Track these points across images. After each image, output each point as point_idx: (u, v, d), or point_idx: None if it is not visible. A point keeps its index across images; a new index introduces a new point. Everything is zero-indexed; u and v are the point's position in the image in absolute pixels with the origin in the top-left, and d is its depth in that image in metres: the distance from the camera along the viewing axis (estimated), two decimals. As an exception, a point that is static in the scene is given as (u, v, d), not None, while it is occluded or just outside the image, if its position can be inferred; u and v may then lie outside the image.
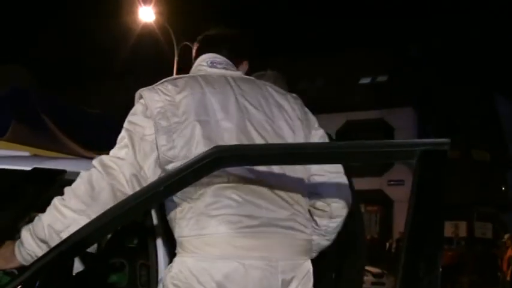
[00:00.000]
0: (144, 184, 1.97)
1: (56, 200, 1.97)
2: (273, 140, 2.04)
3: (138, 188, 1.96)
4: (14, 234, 2.11)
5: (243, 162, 1.79)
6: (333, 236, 2.24)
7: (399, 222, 27.91)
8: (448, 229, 24.10)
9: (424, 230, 1.42)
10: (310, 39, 33.95)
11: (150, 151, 1.99)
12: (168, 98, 2.02)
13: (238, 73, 2.23)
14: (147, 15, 18.56)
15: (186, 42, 18.01)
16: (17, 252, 1.98)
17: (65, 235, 1.91)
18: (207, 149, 1.90)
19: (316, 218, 2.17)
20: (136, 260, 2.81)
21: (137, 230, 2.70)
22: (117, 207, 1.82)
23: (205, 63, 2.22)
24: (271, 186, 1.97)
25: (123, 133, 2.03)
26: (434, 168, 1.48)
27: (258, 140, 2.02)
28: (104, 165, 1.98)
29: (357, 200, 2.89)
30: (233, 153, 1.70)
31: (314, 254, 2.20)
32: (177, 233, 1.99)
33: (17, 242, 2.00)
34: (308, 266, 2.04)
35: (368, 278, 21.46)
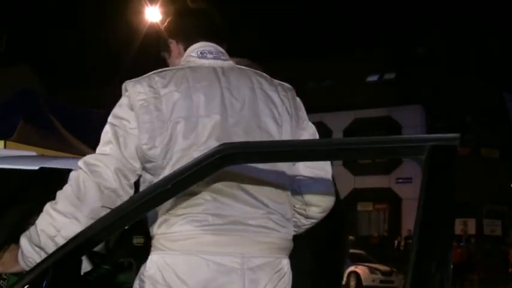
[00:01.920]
0: (133, 176, 1.95)
1: (48, 204, 1.95)
2: (256, 135, 1.98)
3: (125, 182, 1.94)
4: (19, 234, 2.10)
5: (251, 160, 1.78)
6: (301, 230, 2.19)
7: (408, 220, 27.87)
8: (457, 226, 24.02)
9: (434, 227, 1.40)
10: (319, 39, 33.94)
11: (135, 144, 1.95)
12: (152, 90, 1.96)
13: (228, 63, 2.12)
14: (153, 15, 18.56)
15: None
16: (19, 258, 1.97)
17: (58, 240, 1.89)
18: (185, 147, 1.91)
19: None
20: (144, 259, 2.79)
21: (145, 229, 2.68)
22: (125, 206, 1.81)
23: (195, 53, 2.11)
24: (243, 184, 1.92)
25: (107, 128, 1.99)
26: (444, 163, 1.46)
27: (239, 137, 1.95)
28: (89, 164, 1.94)
29: (340, 200, 2.84)
30: (241, 150, 1.68)
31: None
32: (151, 232, 1.98)
33: (20, 249, 1.98)
34: (282, 264, 1.98)
35: (377, 276, 21.43)
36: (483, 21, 30.50)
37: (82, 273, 2.47)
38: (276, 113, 2.05)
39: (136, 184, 2.02)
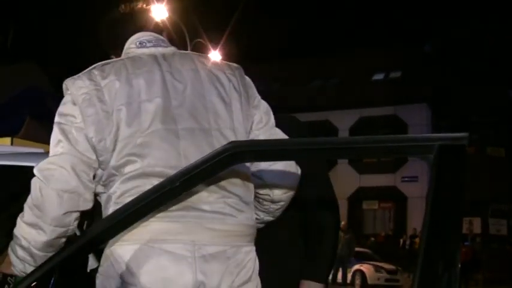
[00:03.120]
0: (90, 169, 1.90)
1: (19, 216, 1.93)
2: (202, 116, 1.94)
3: (85, 177, 1.88)
4: None
5: (259, 158, 1.78)
6: (277, 214, 2.14)
7: (413, 219, 27.83)
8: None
9: (442, 227, 1.40)
10: (324, 38, 33.89)
11: (85, 137, 1.90)
12: (93, 83, 1.93)
13: (170, 49, 2.09)
14: (160, 12, 18.55)
15: (199, 39, 18.08)
16: (12, 267, 1.98)
17: (33, 251, 1.89)
18: (129, 135, 1.86)
19: (259, 200, 2.08)
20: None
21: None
22: (131, 204, 1.80)
23: (133, 45, 2.09)
24: None
25: (54, 128, 1.95)
26: (453, 163, 1.46)
27: (185, 119, 1.92)
28: (42, 170, 1.88)
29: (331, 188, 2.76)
30: (249, 148, 1.68)
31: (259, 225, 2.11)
32: None
33: None
34: (241, 252, 1.90)
35: (382, 275, 21.41)
36: (489, 20, 30.41)
37: (88, 271, 2.47)
38: (223, 91, 2.01)
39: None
